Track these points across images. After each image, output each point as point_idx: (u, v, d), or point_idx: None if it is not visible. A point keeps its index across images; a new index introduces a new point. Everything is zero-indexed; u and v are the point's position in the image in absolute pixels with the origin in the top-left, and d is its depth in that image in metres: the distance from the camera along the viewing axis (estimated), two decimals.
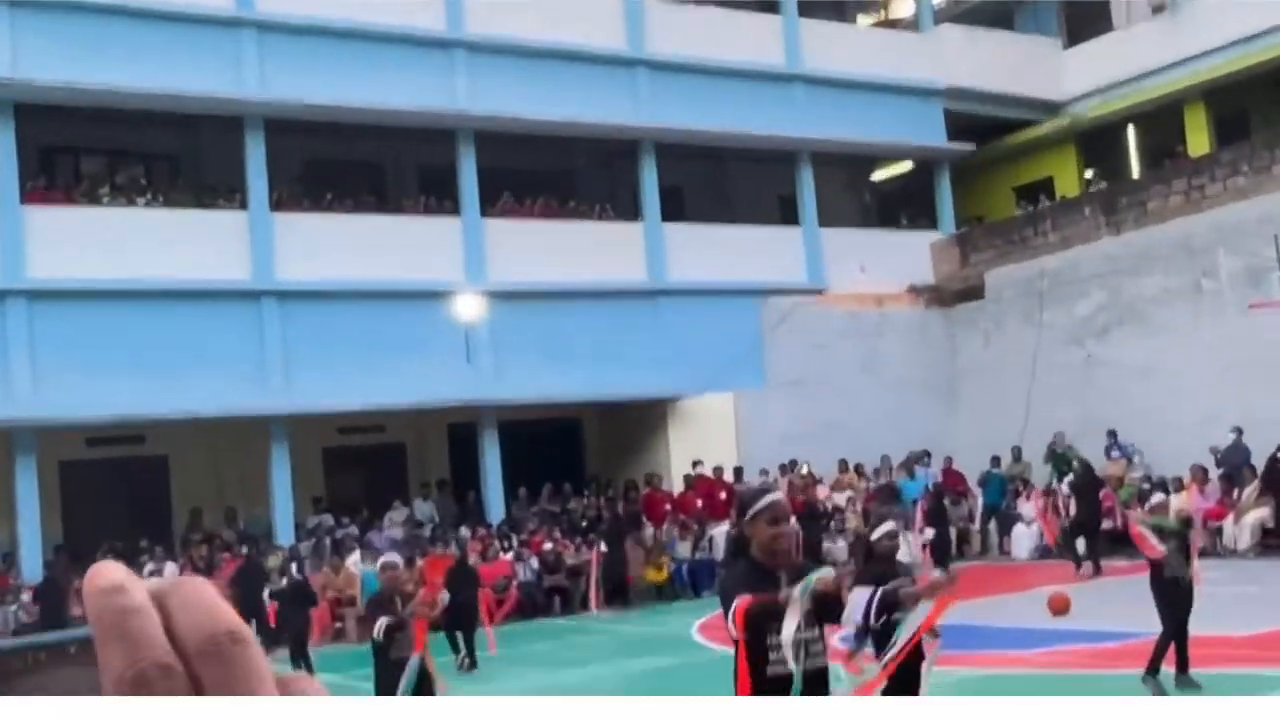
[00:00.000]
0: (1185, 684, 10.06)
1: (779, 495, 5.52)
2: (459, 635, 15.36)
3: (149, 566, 20.80)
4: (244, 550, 20.26)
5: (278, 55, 22.38)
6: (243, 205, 22.51)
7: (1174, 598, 10.11)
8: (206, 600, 0.51)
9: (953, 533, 23.16)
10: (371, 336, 22.37)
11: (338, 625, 19.18)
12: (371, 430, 24.79)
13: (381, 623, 8.46)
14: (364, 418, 23.70)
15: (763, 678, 5.16)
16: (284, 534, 21.57)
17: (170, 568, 21.17)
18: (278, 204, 22.83)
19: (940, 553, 20.78)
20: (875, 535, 9.64)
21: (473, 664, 15.24)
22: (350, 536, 21.92)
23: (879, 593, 6.00)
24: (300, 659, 15.12)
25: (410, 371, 22.51)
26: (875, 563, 7.68)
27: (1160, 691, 9.93)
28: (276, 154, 22.68)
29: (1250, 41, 26.70)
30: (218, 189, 23.45)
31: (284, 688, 0.50)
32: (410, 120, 23.59)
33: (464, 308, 23.00)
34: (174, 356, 20.81)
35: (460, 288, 23.17)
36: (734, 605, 5.10)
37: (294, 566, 17.02)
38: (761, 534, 5.29)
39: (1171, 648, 10.13)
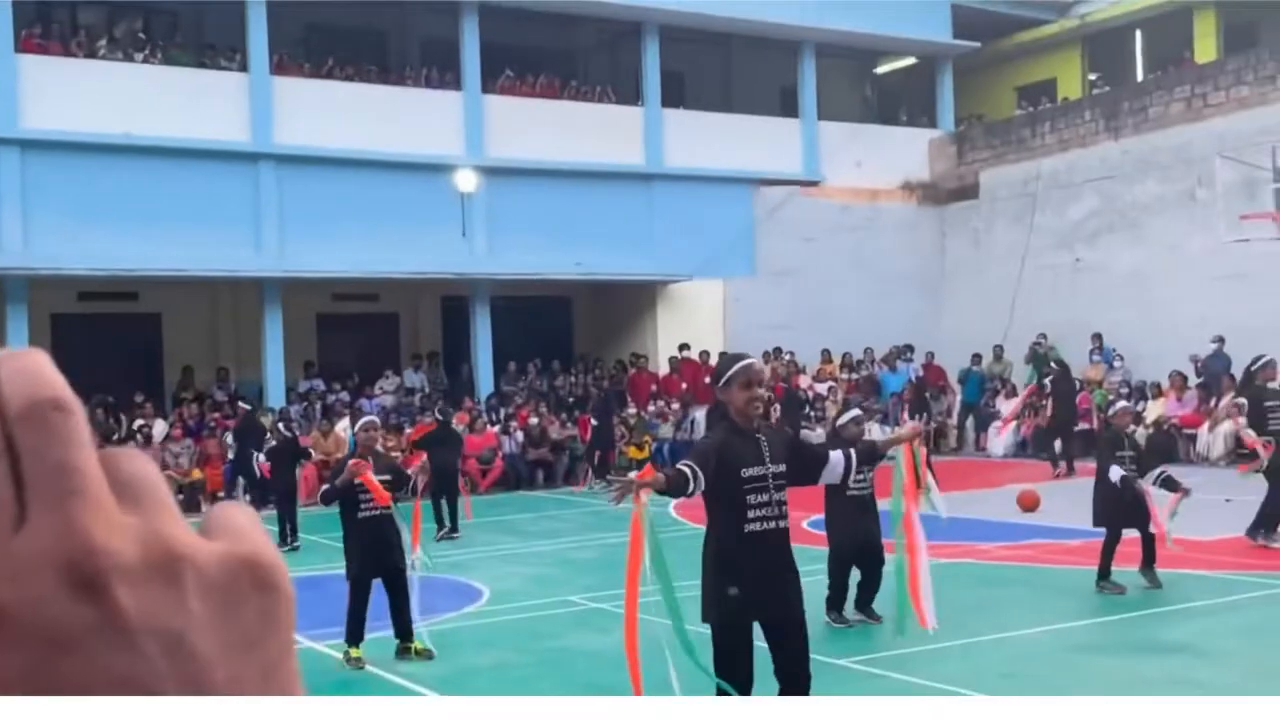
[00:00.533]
0: (1148, 576, 10.19)
1: (754, 360, 5.74)
2: (443, 503, 15.36)
3: (139, 422, 20.88)
4: (245, 406, 20.29)
5: None
6: (243, 67, 22.21)
7: (1118, 506, 10.18)
8: (37, 370, 0.49)
9: (932, 427, 23.30)
10: (368, 205, 22.30)
11: (325, 488, 19.25)
12: (365, 298, 24.80)
13: (321, 490, 8.65)
14: (358, 285, 23.74)
15: (740, 534, 5.58)
16: (275, 396, 21.67)
17: (160, 425, 21.22)
18: (278, 67, 22.58)
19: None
20: (842, 420, 10.04)
21: (454, 529, 15.31)
22: (341, 402, 22.00)
23: (853, 450, 6.44)
24: (286, 516, 15.26)
25: (406, 242, 22.47)
26: (842, 445, 7.76)
27: (1117, 591, 10.04)
28: (278, 15, 22.41)
29: None
30: (218, 48, 23.09)
31: (105, 461, 0.49)
32: None
33: (461, 181, 22.90)
34: (169, 214, 20.75)
35: (459, 161, 23.05)
36: None
37: (281, 426, 17.01)
38: (737, 397, 5.55)
39: (1140, 542, 10.26)
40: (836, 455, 6.20)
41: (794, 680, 5.59)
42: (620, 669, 8.03)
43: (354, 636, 8.52)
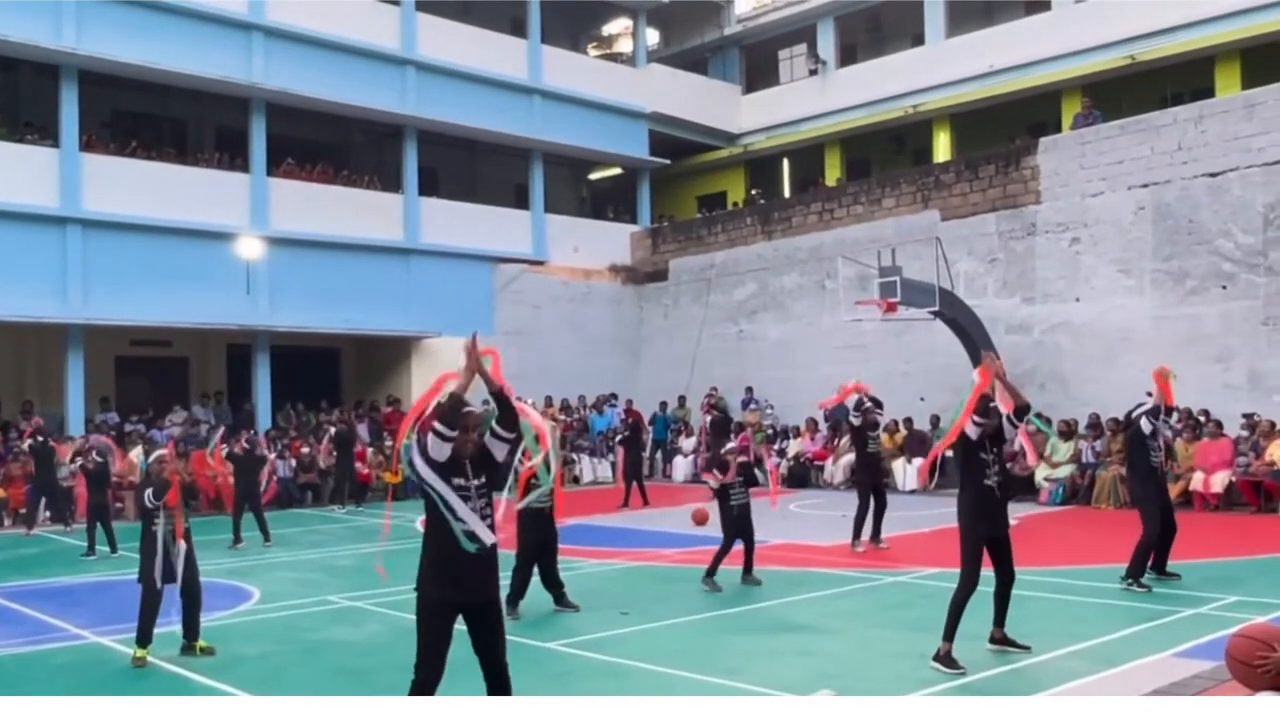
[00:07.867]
0: (749, 581, 10.58)
1: None
2: (245, 515, 14.73)
3: None
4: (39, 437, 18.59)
5: (95, 14, 20.64)
6: (55, 143, 20.68)
7: (736, 518, 10.62)
8: None
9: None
10: (166, 265, 21.12)
11: (118, 505, 18.04)
12: (160, 344, 23.26)
13: (148, 492, 7.91)
14: (153, 332, 22.27)
15: None
16: (75, 427, 20.14)
17: None
18: (87, 145, 21.13)
19: (633, 470, 19.86)
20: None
21: (266, 538, 14.67)
22: (137, 432, 20.62)
23: None
24: (104, 525, 14.31)
25: (197, 297, 21.36)
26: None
27: (716, 590, 10.28)
28: (89, 101, 21.04)
29: (875, 105, 28.07)
30: (33, 125, 21.45)
31: None
32: (211, 86, 22.24)
33: (246, 248, 21.95)
34: None
35: (244, 231, 22.06)
36: None
37: (94, 453, 15.81)
38: None
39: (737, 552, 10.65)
40: None
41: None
42: (368, 655, 7.90)
43: (143, 638, 7.83)
